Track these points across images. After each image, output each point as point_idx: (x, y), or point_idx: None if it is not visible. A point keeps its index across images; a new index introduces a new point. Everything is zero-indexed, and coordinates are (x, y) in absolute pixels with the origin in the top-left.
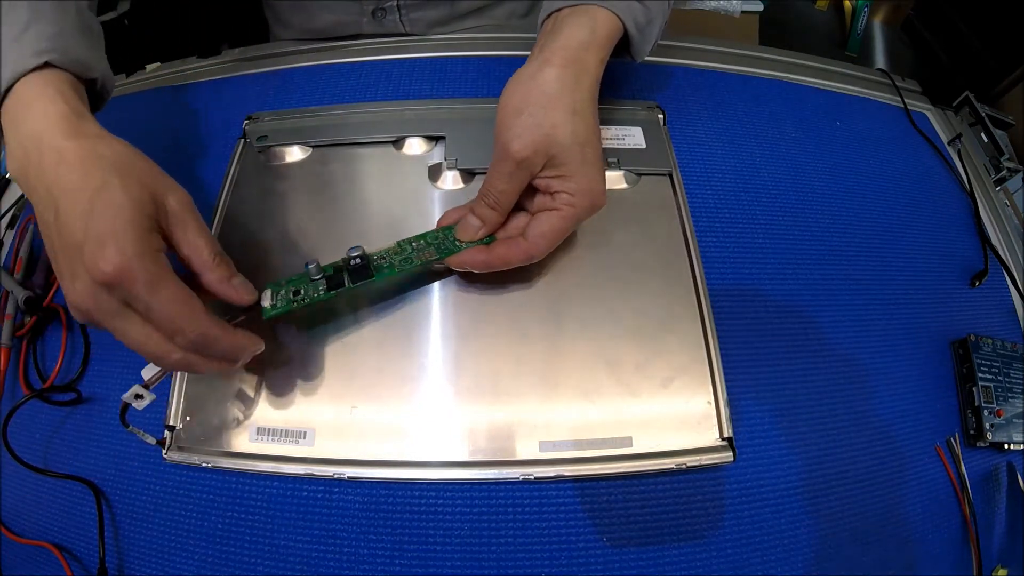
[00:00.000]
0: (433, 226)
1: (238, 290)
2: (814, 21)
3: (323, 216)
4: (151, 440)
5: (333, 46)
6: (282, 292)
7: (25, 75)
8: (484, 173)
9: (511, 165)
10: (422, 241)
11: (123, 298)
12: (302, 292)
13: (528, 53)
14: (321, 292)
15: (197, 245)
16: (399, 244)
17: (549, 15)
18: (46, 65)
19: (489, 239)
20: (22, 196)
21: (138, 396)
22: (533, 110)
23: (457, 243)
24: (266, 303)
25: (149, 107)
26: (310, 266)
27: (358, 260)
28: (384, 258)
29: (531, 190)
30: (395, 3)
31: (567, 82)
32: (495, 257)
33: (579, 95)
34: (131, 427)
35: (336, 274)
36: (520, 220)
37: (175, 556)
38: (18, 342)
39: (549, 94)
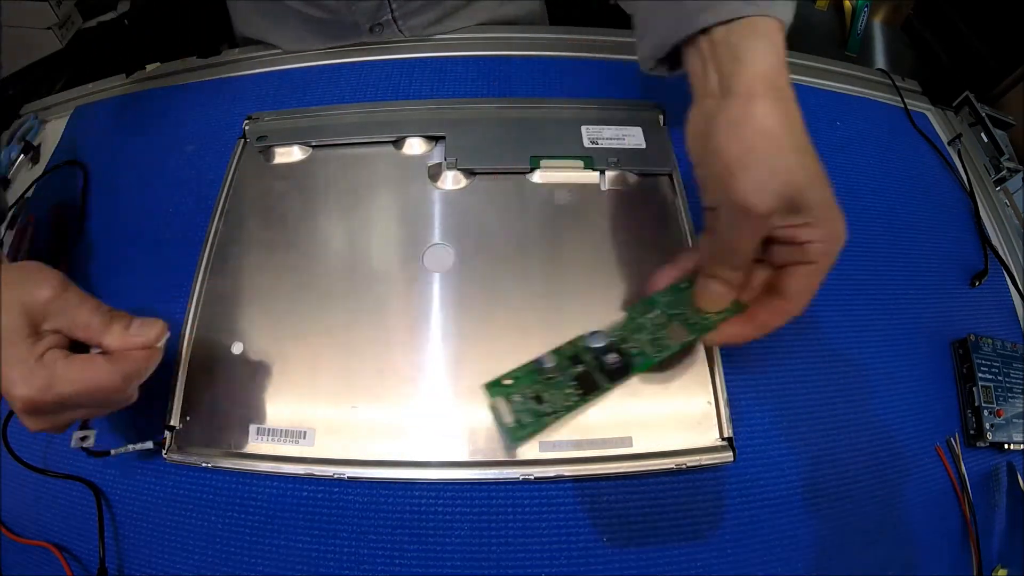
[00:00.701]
0: (434, 226)
1: (142, 334)
2: (814, 21)
3: (323, 216)
4: (147, 446)
5: (334, 46)
6: (516, 398)
7: None
8: (484, 173)
9: (754, 222)
10: (657, 311)
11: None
12: (545, 400)
13: (529, 53)
14: (575, 400)
15: (80, 322)
16: (631, 318)
17: (693, 36)
18: None
19: (735, 304)
20: (22, 196)
21: (83, 439)
22: (762, 157)
23: (702, 314)
24: (508, 420)
25: (149, 107)
26: (545, 363)
27: (616, 362)
28: (635, 345)
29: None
30: (390, 17)
31: (783, 118)
32: (760, 328)
33: (798, 128)
34: (114, 451)
35: (586, 375)
36: (760, 273)
37: (175, 556)
38: None
39: (773, 136)
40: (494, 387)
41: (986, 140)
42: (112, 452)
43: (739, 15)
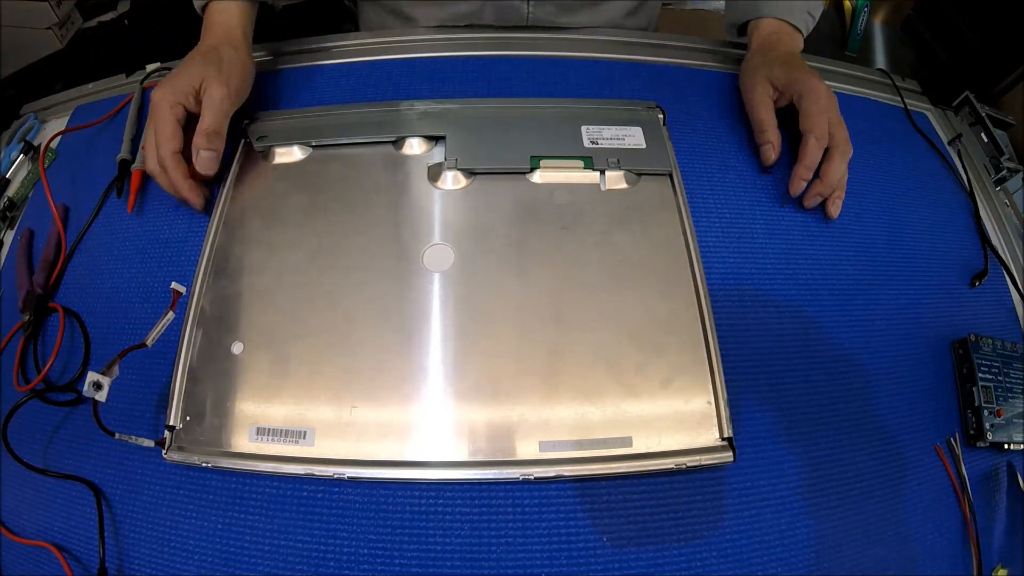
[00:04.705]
0: (434, 226)
1: (200, 159)
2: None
3: (323, 216)
4: (146, 443)
5: (333, 46)
6: None
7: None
8: (484, 173)
9: (758, 99)
10: None
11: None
12: None
13: (530, 53)
14: None
15: (203, 118)
16: None
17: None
18: None
19: None
20: (24, 195)
21: (97, 386)
22: (750, 69)
23: None
24: None
25: (148, 107)
26: None
27: None
28: None
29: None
30: None
31: (764, 57)
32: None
33: (781, 57)
34: (119, 434)
35: None
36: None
37: (175, 556)
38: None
39: (753, 62)
40: None
41: (986, 140)
42: (116, 436)
43: (766, 15)
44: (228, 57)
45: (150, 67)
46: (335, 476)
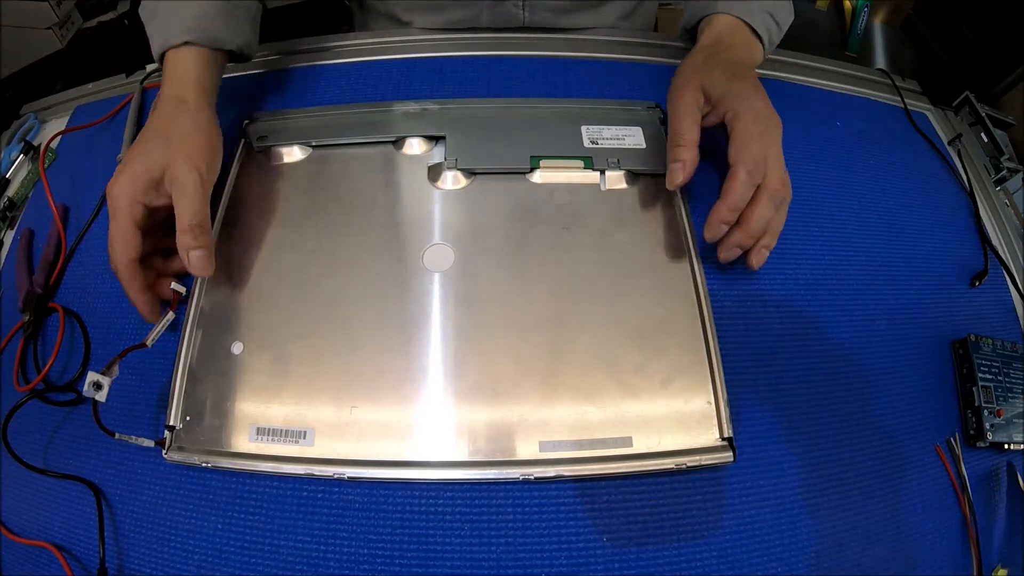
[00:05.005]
0: (434, 226)
1: (192, 260)
2: (814, 21)
3: (323, 216)
4: (146, 443)
5: (332, 46)
6: None
7: (172, 48)
8: (484, 173)
9: (680, 106)
10: None
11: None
12: None
13: (530, 53)
14: None
15: (179, 213)
16: None
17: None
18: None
19: None
20: (24, 195)
21: (97, 386)
22: (682, 72)
23: None
24: None
25: (149, 107)
26: None
27: None
28: None
29: None
30: None
31: (704, 58)
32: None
33: (721, 62)
34: (119, 435)
35: None
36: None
37: (175, 556)
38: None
39: (690, 65)
40: None
41: (986, 140)
42: (116, 436)
43: (721, 11)
44: (189, 131)
45: (150, 67)
46: (335, 476)
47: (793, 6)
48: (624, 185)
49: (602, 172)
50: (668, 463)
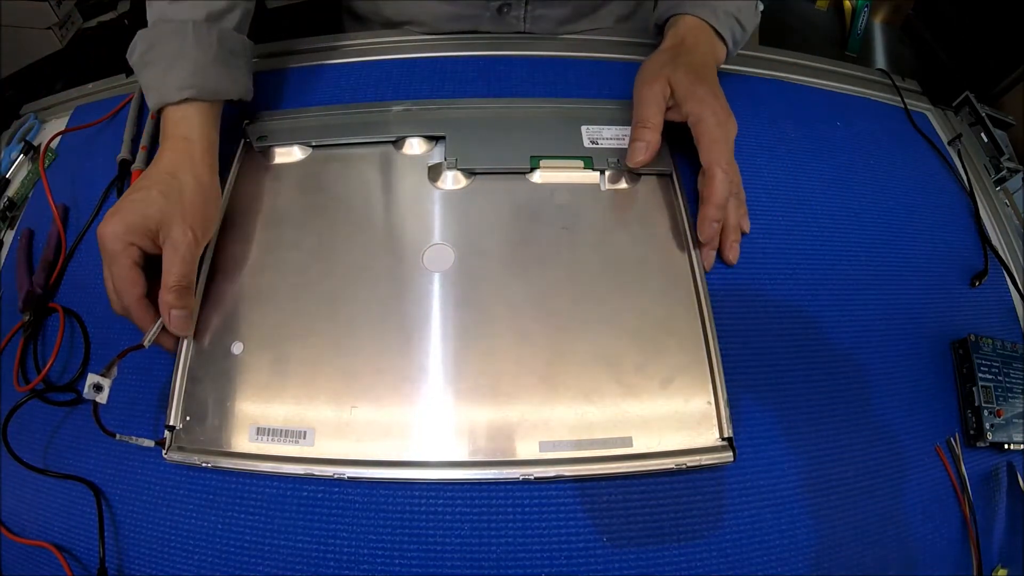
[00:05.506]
0: (434, 226)
1: (172, 319)
2: (814, 21)
3: (323, 216)
4: (146, 443)
5: (332, 46)
6: None
7: (170, 105)
8: (484, 173)
9: (643, 97)
10: None
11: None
12: None
13: (529, 54)
14: None
15: (168, 269)
16: None
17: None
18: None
19: None
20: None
21: (97, 388)
22: (647, 68)
23: None
24: None
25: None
26: None
27: None
28: None
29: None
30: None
31: (668, 56)
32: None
33: (685, 61)
34: (120, 435)
35: None
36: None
37: (175, 556)
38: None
39: (654, 61)
40: None
41: (986, 140)
42: (117, 436)
43: (688, 12)
44: (190, 189)
45: None
46: (335, 476)
47: (760, 9)
48: (624, 185)
49: (602, 172)
50: (668, 463)
